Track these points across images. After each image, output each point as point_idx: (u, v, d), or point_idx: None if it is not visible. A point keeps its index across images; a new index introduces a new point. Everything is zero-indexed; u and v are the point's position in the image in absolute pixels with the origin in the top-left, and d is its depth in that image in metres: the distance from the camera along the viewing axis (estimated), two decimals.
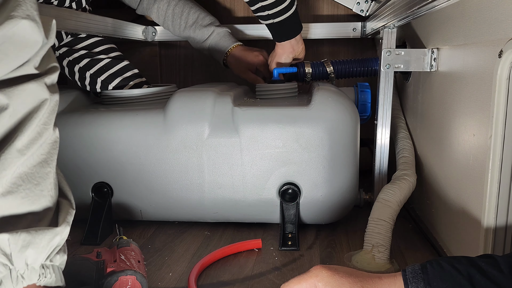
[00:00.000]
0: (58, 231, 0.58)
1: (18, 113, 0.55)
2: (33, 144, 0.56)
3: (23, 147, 0.55)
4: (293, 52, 1.21)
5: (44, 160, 0.58)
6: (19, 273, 0.55)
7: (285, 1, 1.10)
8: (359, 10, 1.51)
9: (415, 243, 0.93)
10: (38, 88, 0.56)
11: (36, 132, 0.57)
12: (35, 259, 0.56)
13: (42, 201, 0.58)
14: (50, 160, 0.59)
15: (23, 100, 0.55)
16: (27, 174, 0.56)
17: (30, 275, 0.55)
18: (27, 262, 0.55)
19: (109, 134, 0.98)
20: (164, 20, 1.40)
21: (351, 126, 0.95)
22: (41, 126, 0.57)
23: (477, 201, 0.68)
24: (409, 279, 0.55)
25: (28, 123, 0.56)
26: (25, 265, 0.55)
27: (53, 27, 0.59)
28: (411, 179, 0.92)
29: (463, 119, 0.75)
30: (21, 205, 0.55)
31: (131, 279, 0.68)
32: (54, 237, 0.57)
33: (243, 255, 0.89)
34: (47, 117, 0.58)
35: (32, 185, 0.56)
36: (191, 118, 0.96)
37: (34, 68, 0.56)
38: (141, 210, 1.02)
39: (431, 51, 0.92)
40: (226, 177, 0.97)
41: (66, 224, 0.60)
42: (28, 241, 0.54)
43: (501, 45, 0.59)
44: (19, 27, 0.51)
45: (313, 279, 0.59)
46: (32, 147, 0.56)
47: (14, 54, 0.53)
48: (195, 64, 1.69)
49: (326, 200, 0.96)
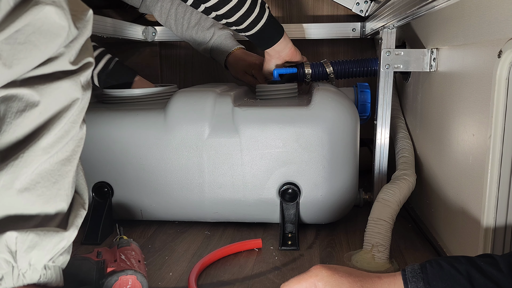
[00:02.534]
0: (65, 236, 0.57)
1: (48, 111, 0.53)
2: (58, 142, 0.55)
3: (48, 145, 0.54)
4: (280, 58, 1.17)
5: (67, 158, 0.57)
6: (21, 272, 0.55)
7: (251, 14, 1.02)
8: (358, 10, 1.51)
9: (415, 243, 0.93)
10: (72, 87, 0.55)
11: (64, 131, 0.55)
12: (38, 261, 0.56)
13: (56, 200, 0.57)
14: (73, 158, 0.58)
15: (55, 99, 0.53)
16: (47, 171, 0.55)
17: (31, 275, 0.55)
18: (31, 263, 0.55)
19: (110, 134, 0.99)
20: (166, 19, 1.39)
21: (350, 126, 0.95)
22: (69, 124, 0.56)
23: (476, 200, 0.68)
24: (409, 278, 0.55)
25: (57, 122, 0.54)
26: (28, 265, 0.55)
27: (89, 17, 0.56)
28: (410, 179, 0.92)
29: (463, 119, 0.75)
30: (36, 203, 0.55)
31: (131, 278, 0.68)
32: (61, 241, 0.57)
33: (243, 254, 0.89)
34: (77, 115, 0.57)
35: (50, 183, 0.55)
36: (191, 118, 0.96)
37: (69, 63, 0.54)
38: (142, 210, 1.02)
39: (431, 51, 0.93)
40: (226, 177, 0.97)
41: (74, 228, 0.59)
42: (35, 242, 0.54)
43: (501, 45, 0.59)
44: (45, 13, 0.48)
45: (313, 278, 0.59)
46: (57, 145, 0.55)
47: (44, 45, 0.50)
48: (195, 64, 1.69)
49: (326, 200, 0.96)
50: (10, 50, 0.47)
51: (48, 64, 0.52)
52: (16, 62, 0.48)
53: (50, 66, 0.52)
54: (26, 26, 0.48)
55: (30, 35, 0.48)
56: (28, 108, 0.52)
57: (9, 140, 0.53)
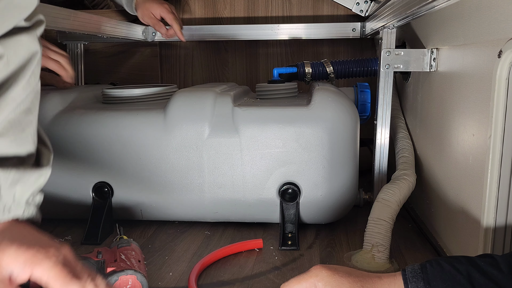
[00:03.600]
0: (43, 172, 0.62)
1: (11, 63, 0.59)
2: (23, 93, 0.60)
3: (17, 95, 0.59)
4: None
5: (28, 109, 0.62)
6: (6, 206, 0.58)
7: None
8: (358, 10, 1.51)
9: (415, 243, 0.93)
10: (30, 40, 0.60)
11: (27, 83, 0.61)
12: (21, 195, 0.60)
13: (26, 146, 0.62)
14: (34, 109, 0.63)
15: (17, 51, 0.59)
16: (15, 120, 0.60)
17: (16, 209, 0.59)
18: (15, 197, 0.59)
19: (110, 134, 0.99)
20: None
21: (350, 126, 0.95)
22: (32, 77, 0.61)
23: (476, 200, 0.68)
24: (409, 278, 0.55)
25: (21, 73, 0.60)
26: (13, 200, 0.59)
27: None
28: (410, 179, 0.92)
29: (463, 119, 0.75)
30: (10, 148, 0.60)
31: (131, 278, 0.68)
32: (40, 177, 0.62)
33: (243, 254, 0.89)
34: (35, 68, 0.62)
35: (18, 130, 0.61)
36: (191, 118, 0.96)
37: (23, 21, 0.59)
38: (142, 210, 1.02)
39: (431, 51, 0.93)
40: (226, 177, 0.97)
41: (49, 167, 0.64)
42: (17, 178, 0.58)
43: (501, 45, 0.59)
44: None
45: (313, 278, 0.59)
46: (22, 95, 0.60)
47: (14, 18, 0.57)
48: (195, 64, 1.69)
49: (326, 200, 0.96)
50: None
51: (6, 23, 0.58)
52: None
53: (9, 24, 0.58)
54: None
55: (3, 9, 0.54)
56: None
57: None
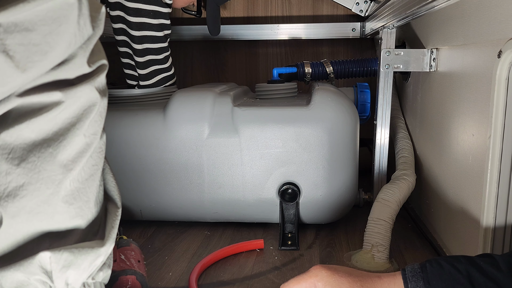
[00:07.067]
0: (102, 252, 0.54)
1: (71, 113, 0.48)
2: (81, 156, 0.50)
3: (69, 161, 0.49)
4: None
5: (95, 172, 0.53)
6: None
7: None
8: (358, 10, 1.51)
9: (415, 243, 0.93)
10: (89, 90, 0.49)
11: (85, 143, 0.51)
12: (76, 280, 0.53)
13: (89, 216, 0.54)
14: (100, 171, 0.55)
15: (76, 101, 0.48)
16: (79, 190, 0.52)
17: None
18: (68, 282, 0.53)
19: (109, 134, 0.98)
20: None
21: (350, 126, 0.95)
22: (90, 136, 0.51)
23: (476, 200, 0.68)
24: (409, 278, 0.55)
25: (73, 132, 0.49)
26: (66, 285, 0.52)
27: (102, 15, 0.50)
28: (410, 179, 0.92)
29: (462, 119, 0.75)
30: (70, 223, 0.52)
31: (131, 278, 0.68)
32: (97, 258, 0.54)
33: (243, 255, 0.89)
34: (98, 125, 0.52)
35: (83, 202, 0.52)
36: (191, 118, 0.96)
37: (86, 64, 0.49)
38: (141, 210, 1.02)
39: (431, 51, 0.93)
40: (226, 177, 0.97)
41: (111, 241, 0.56)
42: (70, 261, 0.51)
43: (500, 45, 0.59)
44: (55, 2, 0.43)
45: (313, 278, 0.59)
46: (80, 160, 0.50)
47: (59, 46, 0.45)
48: (195, 64, 1.69)
49: (326, 200, 0.96)
50: (24, 51, 0.42)
51: (63, 66, 0.47)
52: (30, 65, 0.43)
53: (67, 68, 0.48)
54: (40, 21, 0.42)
55: (46, 36, 0.44)
56: (52, 109, 0.47)
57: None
